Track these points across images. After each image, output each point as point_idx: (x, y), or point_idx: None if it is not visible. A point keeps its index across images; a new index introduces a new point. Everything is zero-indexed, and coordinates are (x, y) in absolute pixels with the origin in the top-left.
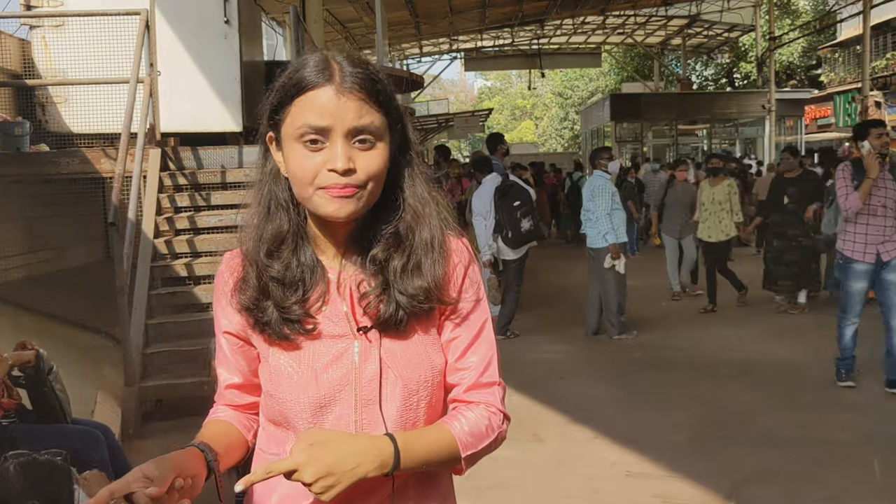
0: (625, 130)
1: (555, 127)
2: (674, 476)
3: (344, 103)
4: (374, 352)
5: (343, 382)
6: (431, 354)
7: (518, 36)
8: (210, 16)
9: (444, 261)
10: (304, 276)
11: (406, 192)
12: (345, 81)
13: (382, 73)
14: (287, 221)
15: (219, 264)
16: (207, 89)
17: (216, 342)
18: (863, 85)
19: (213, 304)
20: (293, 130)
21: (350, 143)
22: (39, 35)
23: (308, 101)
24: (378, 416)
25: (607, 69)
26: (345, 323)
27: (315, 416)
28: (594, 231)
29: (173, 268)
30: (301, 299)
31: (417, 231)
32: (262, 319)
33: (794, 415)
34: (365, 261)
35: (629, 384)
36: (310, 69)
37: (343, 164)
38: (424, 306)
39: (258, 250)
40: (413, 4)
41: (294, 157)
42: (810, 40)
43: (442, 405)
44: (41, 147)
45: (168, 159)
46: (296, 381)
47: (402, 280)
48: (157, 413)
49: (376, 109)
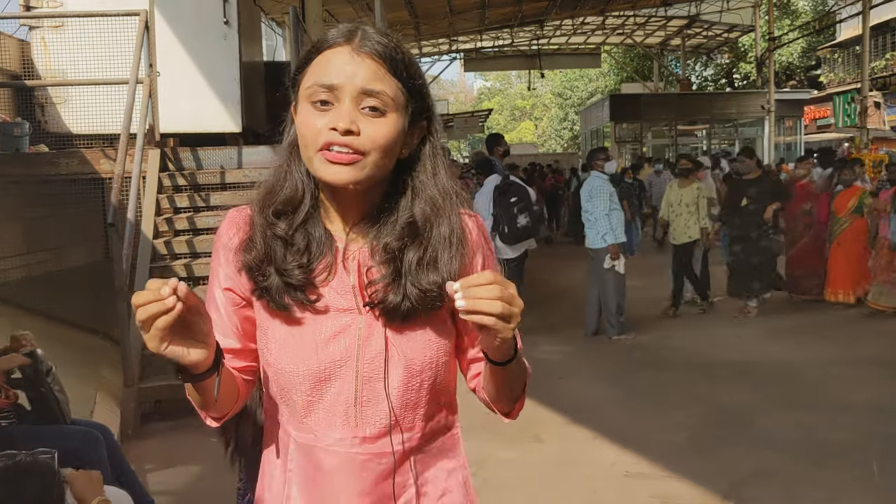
0: (624, 131)
1: (554, 127)
2: (672, 476)
3: (357, 63)
4: (380, 329)
5: (345, 357)
6: (440, 334)
7: (517, 36)
8: (209, 16)
9: (462, 254)
10: (311, 243)
11: (427, 181)
12: (363, 45)
13: (407, 52)
14: (301, 189)
15: None
16: (207, 90)
17: (207, 297)
18: (862, 85)
19: (212, 260)
20: (305, 91)
21: (358, 107)
22: (39, 36)
23: (324, 59)
24: (380, 393)
25: (607, 70)
26: (351, 297)
27: (314, 389)
28: (593, 232)
29: (172, 268)
30: (305, 265)
31: (436, 225)
32: (263, 283)
33: (792, 415)
34: (376, 243)
35: (628, 384)
36: (334, 31)
37: (345, 123)
38: (437, 303)
39: (266, 210)
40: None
41: (302, 118)
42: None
43: (448, 387)
44: (40, 148)
45: (167, 160)
46: (296, 352)
47: (416, 273)
48: (156, 414)
49: (392, 77)
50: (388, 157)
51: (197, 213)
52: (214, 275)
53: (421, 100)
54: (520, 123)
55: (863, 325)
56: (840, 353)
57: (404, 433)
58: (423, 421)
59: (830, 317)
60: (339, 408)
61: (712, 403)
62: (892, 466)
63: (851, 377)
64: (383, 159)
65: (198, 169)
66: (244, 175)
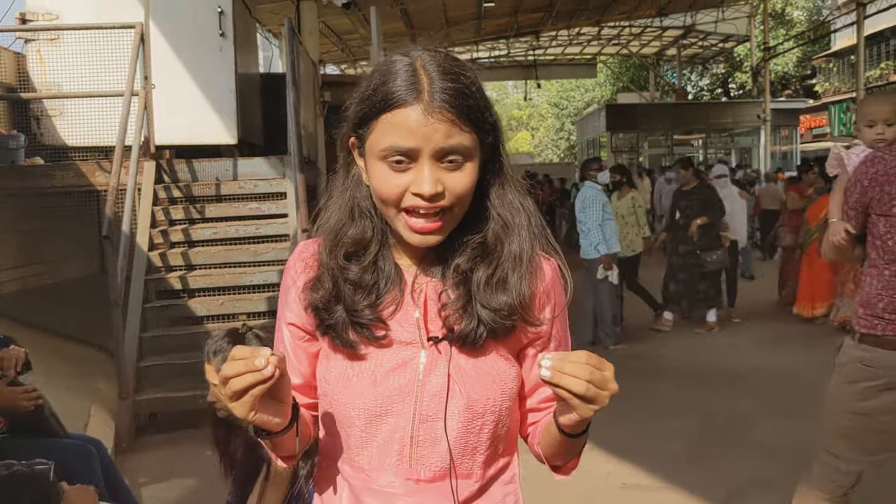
0: (621, 140)
1: (551, 137)
2: (669, 487)
3: (433, 124)
4: (443, 365)
5: (404, 392)
6: (505, 377)
7: (514, 47)
8: (205, 28)
9: (532, 278)
10: (380, 280)
11: (495, 200)
12: (434, 100)
13: (476, 82)
14: (371, 228)
15: (213, 277)
16: (202, 102)
17: (278, 335)
18: (857, 94)
19: (280, 296)
20: (378, 149)
21: (437, 163)
22: (34, 48)
23: (395, 119)
24: (439, 433)
25: (603, 80)
26: (414, 330)
27: (369, 424)
28: (586, 242)
29: (168, 280)
30: (373, 303)
31: (506, 242)
32: (328, 322)
33: (789, 423)
34: (446, 269)
35: (624, 394)
36: (399, 83)
37: (430, 188)
38: (507, 323)
39: (337, 253)
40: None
41: (378, 176)
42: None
43: (509, 435)
44: (36, 160)
45: (163, 172)
46: (354, 385)
47: (485, 293)
48: (151, 427)
49: (467, 129)
50: (467, 204)
51: (192, 225)
52: (280, 312)
53: (490, 128)
54: (516, 133)
55: None
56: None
57: (460, 479)
58: (481, 469)
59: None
60: (393, 446)
61: (709, 412)
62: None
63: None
64: (463, 208)
65: (193, 181)
66: (239, 187)
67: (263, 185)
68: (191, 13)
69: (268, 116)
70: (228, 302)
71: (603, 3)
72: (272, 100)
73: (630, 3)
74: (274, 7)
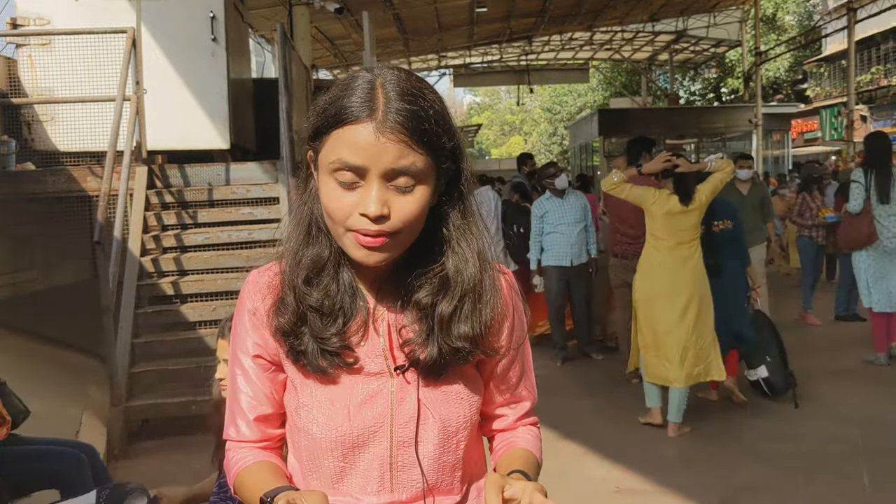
0: (613, 145)
1: (544, 142)
2: (663, 491)
3: (383, 144)
4: (412, 392)
5: (378, 423)
6: (473, 391)
7: (506, 52)
8: (197, 33)
9: (494, 304)
10: (344, 304)
11: (453, 231)
12: (387, 119)
13: (436, 106)
14: (328, 247)
15: (205, 283)
16: (195, 107)
17: (233, 366)
18: (848, 99)
19: (233, 326)
20: (328, 162)
21: (386, 185)
22: (26, 53)
23: (345, 134)
24: (414, 457)
25: (595, 85)
26: (382, 360)
27: (346, 455)
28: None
29: (160, 286)
30: (340, 330)
31: (466, 274)
32: (299, 348)
33: (782, 427)
34: (406, 299)
35: (617, 399)
36: (354, 99)
37: (376, 209)
38: (470, 356)
39: (296, 275)
40: (401, 21)
41: (326, 192)
42: (796, 55)
43: (474, 443)
44: (27, 166)
45: (155, 177)
46: (328, 418)
47: (447, 327)
48: (143, 433)
49: (419, 151)
50: (417, 229)
51: (184, 231)
52: (240, 344)
53: (448, 152)
54: (509, 138)
55: (852, 336)
56: (828, 364)
57: (442, 496)
58: (460, 483)
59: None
60: (373, 473)
61: (702, 416)
62: (883, 478)
63: (841, 389)
64: (413, 233)
65: (185, 186)
66: (232, 192)
67: (256, 189)
68: (183, 18)
69: (260, 121)
70: (221, 307)
71: (595, 9)
72: (265, 105)
73: (622, 8)
74: (266, 12)
